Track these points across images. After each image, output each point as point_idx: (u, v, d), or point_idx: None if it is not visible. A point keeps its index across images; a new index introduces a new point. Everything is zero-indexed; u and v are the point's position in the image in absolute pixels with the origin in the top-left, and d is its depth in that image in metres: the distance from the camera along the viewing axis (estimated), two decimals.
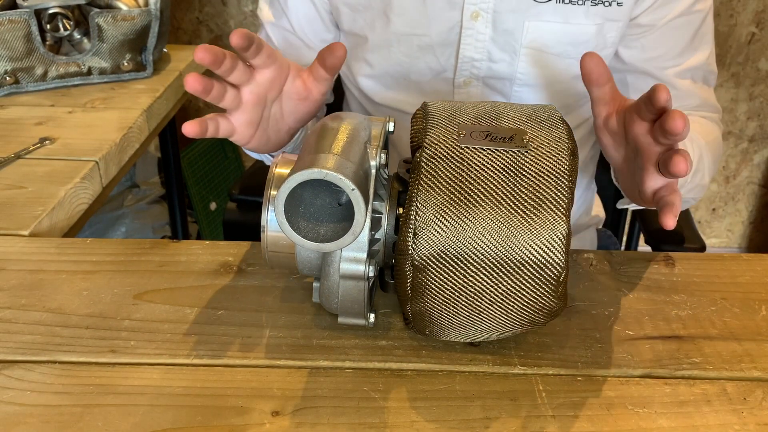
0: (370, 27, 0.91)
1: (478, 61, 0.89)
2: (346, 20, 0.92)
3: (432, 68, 0.92)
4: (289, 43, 0.96)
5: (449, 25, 0.88)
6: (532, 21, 0.86)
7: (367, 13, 0.90)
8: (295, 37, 0.95)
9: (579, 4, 0.85)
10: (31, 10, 1.18)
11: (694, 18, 0.88)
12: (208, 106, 2.06)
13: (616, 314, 0.65)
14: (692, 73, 0.91)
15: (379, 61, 0.93)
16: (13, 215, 0.83)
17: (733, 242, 2.24)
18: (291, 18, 0.94)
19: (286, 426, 0.53)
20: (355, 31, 0.92)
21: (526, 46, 0.88)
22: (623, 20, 0.87)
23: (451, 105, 0.59)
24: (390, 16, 0.89)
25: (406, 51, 0.91)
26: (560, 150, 0.54)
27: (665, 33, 0.89)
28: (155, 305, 0.66)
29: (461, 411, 0.55)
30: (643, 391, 0.57)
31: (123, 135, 1.07)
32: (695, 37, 0.90)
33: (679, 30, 0.89)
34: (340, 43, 0.64)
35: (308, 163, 0.49)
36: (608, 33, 0.87)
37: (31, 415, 0.54)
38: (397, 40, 0.90)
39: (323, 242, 0.51)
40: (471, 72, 0.91)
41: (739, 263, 0.73)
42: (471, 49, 0.88)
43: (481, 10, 0.86)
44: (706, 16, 0.89)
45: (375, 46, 0.92)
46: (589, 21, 0.86)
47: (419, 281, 0.53)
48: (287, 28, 0.95)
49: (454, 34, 0.88)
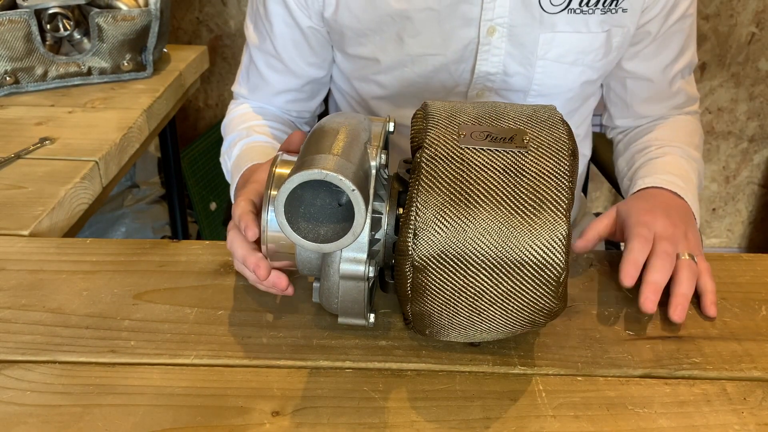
0: (382, 50, 0.89)
1: (494, 75, 0.89)
2: (350, 44, 0.90)
3: (446, 86, 0.91)
4: (272, 68, 0.94)
5: (465, 43, 0.87)
6: (547, 32, 0.86)
7: (376, 37, 0.88)
8: (278, 61, 0.93)
9: (589, 13, 0.85)
10: (31, 10, 1.18)
11: (686, 22, 0.91)
12: (208, 105, 2.06)
13: (616, 314, 0.65)
14: (683, 71, 0.95)
15: (392, 82, 0.92)
16: (13, 215, 0.83)
17: (733, 242, 2.24)
18: (275, 42, 0.92)
19: (286, 426, 0.53)
20: (363, 55, 0.90)
21: (541, 57, 0.87)
22: (629, 26, 0.87)
23: (451, 105, 0.59)
24: (404, 38, 0.87)
25: (421, 71, 0.90)
26: (560, 150, 0.54)
27: (664, 40, 0.91)
28: (155, 305, 0.66)
29: (461, 411, 0.55)
30: (643, 391, 0.57)
31: (123, 135, 1.07)
32: (686, 39, 0.93)
33: (675, 35, 0.91)
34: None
35: (308, 163, 0.49)
36: (614, 38, 0.88)
37: (31, 415, 0.54)
38: (411, 61, 0.89)
39: (323, 243, 0.51)
40: (485, 85, 0.90)
41: (739, 263, 0.73)
42: (487, 65, 0.88)
43: (498, 25, 0.85)
44: (694, 17, 0.93)
45: (387, 68, 0.90)
46: (599, 28, 0.86)
47: (419, 281, 0.53)
48: (271, 53, 0.93)
49: (470, 51, 0.87)
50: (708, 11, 1.86)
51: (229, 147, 0.92)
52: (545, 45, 0.86)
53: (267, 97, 0.97)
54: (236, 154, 0.87)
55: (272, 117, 0.96)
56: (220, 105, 2.06)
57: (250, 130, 0.90)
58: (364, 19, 0.86)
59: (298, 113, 1.00)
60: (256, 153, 0.84)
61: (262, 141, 0.88)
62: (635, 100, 0.96)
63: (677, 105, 0.97)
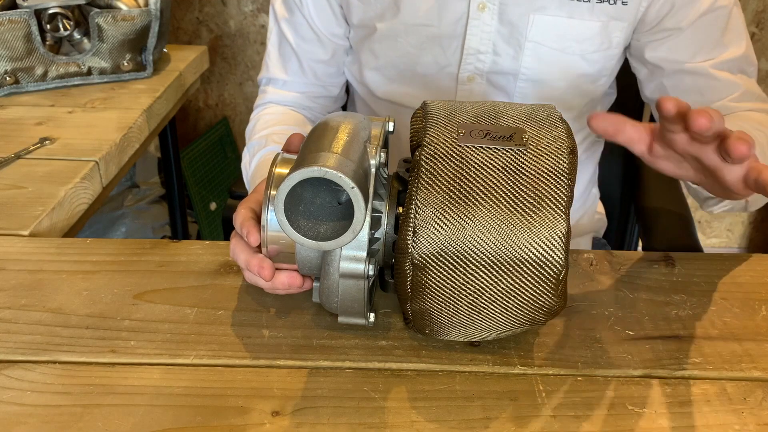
0: (379, 17, 0.92)
1: (483, 54, 0.90)
2: (356, 12, 0.94)
3: (438, 62, 0.93)
4: (302, 38, 0.98)
5: (457, 16, 0.89)
6: (537, 14, 0.87)
7: (377, 4, 0.91)
8: (310, 30, 0.97)
9: (584, 1, 0.86)
10: (31, 10, 1.18)
11: (719, 14, 0.87)
12: (208, 105, 2.06)
13: (616, 314, 0.65)
14: (728, 65, 0.88)
15: (385, 52, 0.94)
16: (13, 215, 0.83)
17: (733, 242, 2.24)
18: (304, 11, 0.96)
19: (286, 426, 0.53)
20: (364, 22, 0.94)
21: (530, 39, 0.89)
22: (629, 20, 0.87)
23: (450, 104, 0.59)
24: (400, 6, 0.90)
25: (414, 42, 0.92)
26: (559, 149, 0.54)
27: (692, 33, 0.87)
28: (155, 305, 0.66)
29: (461, 411, 0.55)
30: (643, 391, 0.57)
31: (123, 135, 1.07)
32: (725, 33, 0.88)
33: (706, 28, 0.87)
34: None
35: (308, 161, 0.49)
36: (613, 32, 0.88)
37: (31, 415, 0.54)
38: (405, 31, 0.92)
39: (323, 241, 0.51)
40: (475, 66, 0.91)
41: (739, 263, 0.73)
42: (476, 41, 0.90)
43: (488, 1, 0.87)
44: (731, 11, 0.87)
45: (382, 37, 0.93)
46: (594, 18, 0.87)
47: (419, 280, 0.53)
48: (301, 23, 0.97)
49: (461, 25, 0.89)
50: None
51: (249, 155, 0.93)
52: (535, 27, 0.88)
53: (298, 73, 1.00)
54: (255, 166, 0.90)
55: (294, 121, 0.97)
56: (220, 105, 2.06)
57: (269, 139, 0.92)
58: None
59: (328, 86, 1.02)
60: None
61: (278, 151, 0.90)
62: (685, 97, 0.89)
63: (726, 99, 0.87)
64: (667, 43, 0.89)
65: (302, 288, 0.61)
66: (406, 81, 0.96)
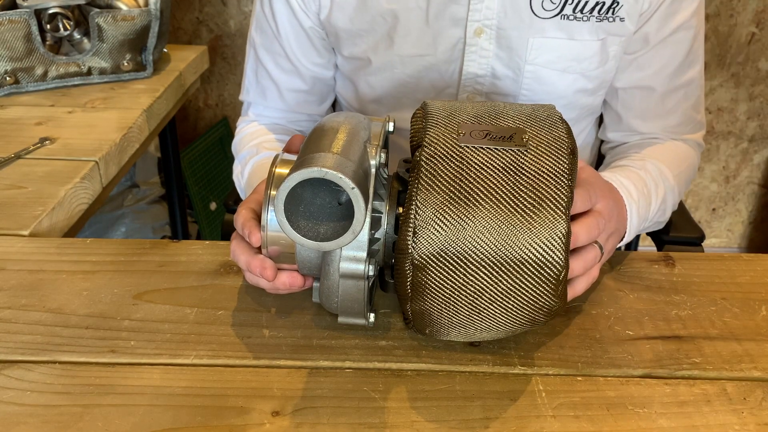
0: (373, 50, 0.89)
1: (482, 77, 0.89)
2: (345, 46, 0.91)
3: (435, 86, 0.91)
4: (281, 68, 0.95)
5: (453, 42, 0.87)
6: (536, 38, 0.85)
7: (369, 37, 0.89)
8: (286, 60, 0.94)
9: (583, 20, 0.84)
10: (31, 10, 1.18)
11: (687, 34, 0.88)
12: (208, 105, 2.06)
13: (616, 314, 0.65)
14: (685, 89, 0.91)
15: (382, 84, 0.92)
16: (13, 215, 0.83)
17: (733, 242, 2.24)
18: (282, 42, 0.93)
19: (286, 426, 0.53)
20: (357, 55, 0.91)
21: (530, 63, 0.87)
22: (626, 35, 0.86)
23: (450, 104, 0.59)
24: (394, 38, 0.87)
25: (411, 72, 0.90)
26: (560, 149, 0.54)
27: (660, 49, 0.88)
28: (155, 305, 0.66)
29: (461, 411, 0.55)
30: (643, 391, 0.57)
31: (123, 135, 1.07)
32: (688, 54, 0.89)
33: (673, 46, 0.88)
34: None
35: (308, 162, 0.49)
36: (610, 47, 0.87)
37: (31, 415, 0.54)
38: (401, 62, 0.89)
39: (323, 241, 0.51)
40: (474, 88, 0.90)
41: (739, 263, 0.73)
42: (474, 66, 0.87)
43: (485, 26, 0.85)
44: (698, 32, 0.89)
45: (377, 69, 0.91)
46: (593, 37, 0.85)
47: (419, 280, 0.53)
48: (278, 53, 0.94)
49: (458, 51, 0.87)
50: (708, 11, 1.86)
51: (241, 166, 0.92)
52: (534, 50, 0.86)
53: (277, 100, 0.97)
54: (248, 173, 0.88)
55: (282, 131, 0.96)
56: (220, 105, 2.06)
57: (260, 147, 0.91)
58: (357, 20, 0.87)
59: (309, 116, 1.00)
60: (266, 169, 0.84)
61: (271, 156, 0.89)
62: (628, 113, 0.93)
63: (673, 127, 0.92)
64: (638, 59, 0.89)
65: (304, 287, 0.61)
66: (405, 107, 0.94)
